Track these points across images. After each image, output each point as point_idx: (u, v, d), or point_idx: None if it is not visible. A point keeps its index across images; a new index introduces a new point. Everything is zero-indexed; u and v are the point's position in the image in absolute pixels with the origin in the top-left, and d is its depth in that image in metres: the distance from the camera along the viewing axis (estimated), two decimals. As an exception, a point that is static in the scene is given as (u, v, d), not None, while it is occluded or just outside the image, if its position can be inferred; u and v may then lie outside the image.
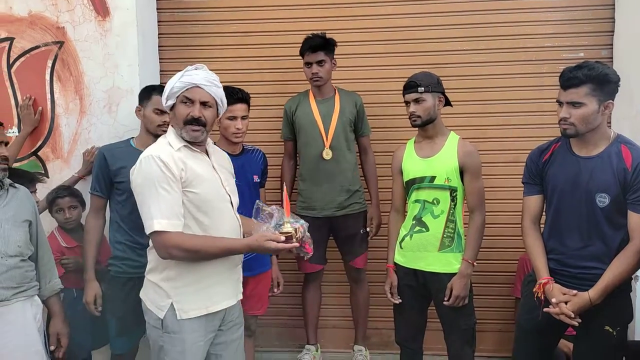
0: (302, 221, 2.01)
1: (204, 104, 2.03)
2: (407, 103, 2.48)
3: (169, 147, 2.01)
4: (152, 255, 2.06)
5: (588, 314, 2.07)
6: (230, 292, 2.11)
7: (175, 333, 1.99)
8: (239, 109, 2.57)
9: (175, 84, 2.02)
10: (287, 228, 1.91)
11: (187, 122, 2.01)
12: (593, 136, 2.09)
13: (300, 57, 3.15)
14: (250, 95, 3.23)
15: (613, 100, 2.06)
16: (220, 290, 2.06)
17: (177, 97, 2.03)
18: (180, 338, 1.98)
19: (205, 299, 2.01)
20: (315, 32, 3.01)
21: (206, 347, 2.06)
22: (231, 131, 2.56)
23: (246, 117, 2.65)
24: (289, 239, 1.89)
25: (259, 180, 2.78)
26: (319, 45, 2.91)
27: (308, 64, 2.94)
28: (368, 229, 3.08)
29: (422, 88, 2.42)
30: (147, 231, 1.95)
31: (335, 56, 3.02)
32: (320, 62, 2.92)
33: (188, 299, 1.99)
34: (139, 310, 2.59)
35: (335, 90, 3.07)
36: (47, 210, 2.83)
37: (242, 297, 2.19)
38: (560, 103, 2.10)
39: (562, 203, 2.16)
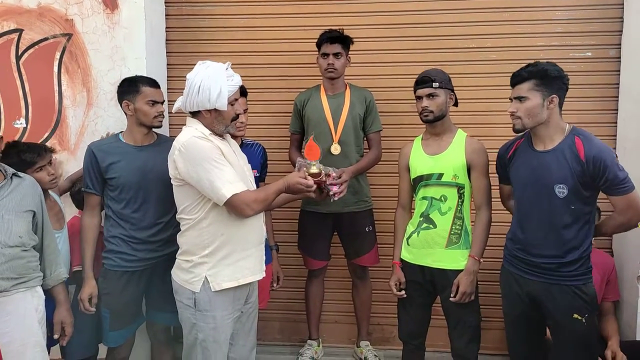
0: (330, 169, 2.28)
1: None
2: (418, 98, 2.48)
3: (199, 133, 2.14)
4: (184, 239, 2.21)
5: (554, 307, 2.22)
6: (257, 267, 2.27)
7: (207, 311, 2.15)
8: (241, 102, 2.59)
9: (228, 88, 2.14)
10: (314, 170, 2.21)
11: (234, 119, 2.24)
12: (547, 130, 2.22)
13: (308, 53, 3.17)
14: (257, 91, 3.25)
15: (558, 95, 2.19)
16: (248, 265, 2.22)
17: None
18: (212, 315, 2.16)
19: (236, 271, 2.18)
20: (322, 27, 3.02)
21: (233, 324, 2.24)
22: (236, 125, 2.57)
23: (246, 110, 2.71)
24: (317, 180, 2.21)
25: (258, 175, 2.78)
26: (337, 38, 2.93)
27: (325, 55, 2.95)
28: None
29: (437, 83, 2.44)
30: (222, 201, 2.07)
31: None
32: (337, 55, 2.94)
33: (221, 272, 2.16)
34: (135, 303, 2.61)
35: (346, 86, 3.07)
36: (67, 193, 2.87)
37: (264, 275, 2.34)
38: (511, 100, 2.27)
39: (524, 195, 2.30)
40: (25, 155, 2.43)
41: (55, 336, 2.31)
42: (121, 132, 2.65)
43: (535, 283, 2.26)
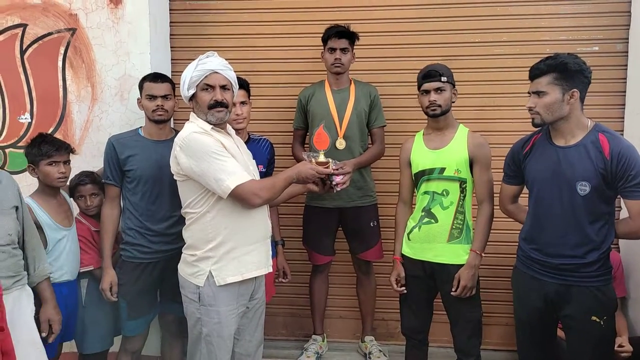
0: (332, 160, 2.27)
1: (222, 87, 2.21)
2: (425, 92, 2.48)
3: (200, 128, 2.16)
4: (190, 233, 2.23)
5: (572, 309, 2.16)
6: (262, 262, 2.27)
7: (212, 306, 2.16)
8: (238, 94, 2.59)
9: (192, 73, 2.17)
10: (322, 158, 2.23)
11: (212, 107, 2.18)
12: (568, 125, 2.15)
13: (312, 48, 3.16)
14: (261, 86, 3.23)
15: (579, 89, 2.11)
16: (253, 259, 2.22)
17: (197, 85, 2.18)
18: (216, 310, 2.16)
19: (240, 266, 2.18)
20: (326, 22, 3.02)
21: (238, 319, 2.24)
22: (231, 117, 2.57)
23: (245, 103, 2.72)
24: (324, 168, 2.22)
25: (264, 170, 2.78)
26: (344, 33, 2.92)
27: (331, 50, 2.94)
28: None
29: (445, 77, 2.44)
30: (226, 193, 2.07)
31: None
32: (344, 50, 2.93)
33: (226, 267, 2.15)
34: (149, 293, 2.67)
35: (351, 81, 3.06)
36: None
37: (271, 270, 2.34)
38: (530, 94, 2.20)
39: (542, 193, 2.22)
40: (43, 146, 2.46)
41: (43, 334, 2.25)
42: (141, 127, 2.71)
43: (553, 285, 2.19)
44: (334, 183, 2.25)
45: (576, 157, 2.13)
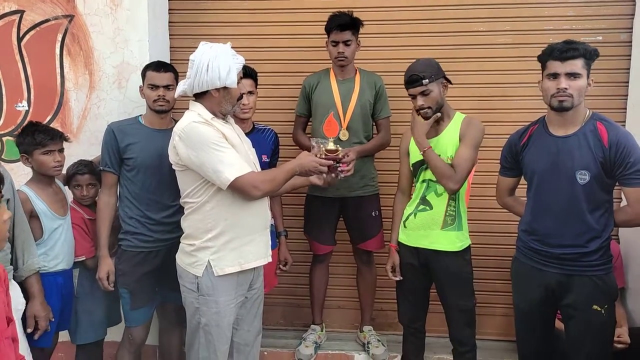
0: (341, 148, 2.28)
1: None
2: (412, 97, 2.44)
3: (200, 117, 2.13)
4: (188, 222, 2.22)
5: (573, 298, 2.16)
6: (261, 252, 2.26)
7: (210, 295, 2.16)
8: (245, 84, 2.57)
9: (236, 65, 2.13)
10: (331, 146, 2.23)
11: (239, 99, 2.23)
12: (575, 113, 2.14)
13: (314, 36, 3.11)
14: (263, 75, 3.20)
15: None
16: (252, 250, 2.21)
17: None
18: (214, 300, 2.16)
19: (240, 256, 2.18)
20: (329, 10, 2.97)
21: (236, 309, 2.24)
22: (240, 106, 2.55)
23: (253, 93, 2.69)
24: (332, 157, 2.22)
25: (268, 160, 2.76)
26: (347, 24, 2.84)
27: (334, 43, 2.88)
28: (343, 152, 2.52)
29: (427, 80, 2.37)
30: (225, 184, 2.05)
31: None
32: (347, 42, 2.86)
33: (224, 257, 2.15)
34: (150, 281, 2.66)
35: (356, 70, 3.02)
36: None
37: (270, 260, 2.33)
38: (552, 76, 2.11)
39: (542, 184, 2.22)
40: (38, 135, 2.43)
41: (29, 330, 2.21)
42: (141, 115, 2.69)
43: (554, 275, 2.20)
44: (339, 169, 2.24)
45: (575, 147, 2.13)
